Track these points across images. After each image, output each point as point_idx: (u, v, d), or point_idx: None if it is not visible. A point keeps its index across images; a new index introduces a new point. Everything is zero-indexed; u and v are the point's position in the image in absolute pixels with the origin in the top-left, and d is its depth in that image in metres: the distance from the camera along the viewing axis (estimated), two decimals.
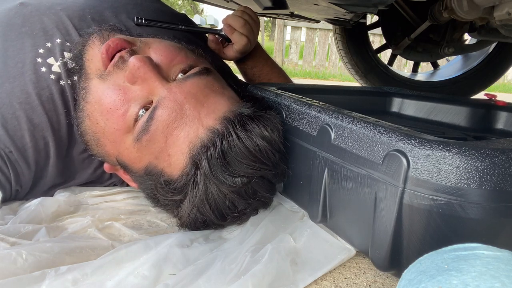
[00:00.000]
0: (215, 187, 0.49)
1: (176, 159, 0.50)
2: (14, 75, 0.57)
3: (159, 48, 0.55)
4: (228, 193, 0.49)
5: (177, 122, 0.49)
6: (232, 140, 0.48)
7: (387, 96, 0.85)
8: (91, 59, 0.55)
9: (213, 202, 0.50)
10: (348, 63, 1.73)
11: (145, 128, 0.49)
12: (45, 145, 0.57)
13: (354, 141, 0.45)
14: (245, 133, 0.49)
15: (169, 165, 0.50)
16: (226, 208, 0.51)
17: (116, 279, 0.41)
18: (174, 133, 0.49)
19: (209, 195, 0.49)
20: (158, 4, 0.82)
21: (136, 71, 0.50)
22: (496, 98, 0.78)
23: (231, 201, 0.50)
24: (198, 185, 0.49)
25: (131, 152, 0.52)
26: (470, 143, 0.38)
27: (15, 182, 0.55)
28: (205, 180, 0.48)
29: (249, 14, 0.82)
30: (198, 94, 0.51)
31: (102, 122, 0.53)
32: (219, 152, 0.48)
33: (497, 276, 0.25)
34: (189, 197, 0.50)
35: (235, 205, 0.51)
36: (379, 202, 0.41)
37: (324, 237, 0.52)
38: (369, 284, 0.45)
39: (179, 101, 0.49)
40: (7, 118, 0.55)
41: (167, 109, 0.49)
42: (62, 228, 0.52)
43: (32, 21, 0.62)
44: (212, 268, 0.43)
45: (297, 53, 5.32)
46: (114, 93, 0.51)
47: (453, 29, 1.34)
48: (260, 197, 0.54)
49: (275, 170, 0.54)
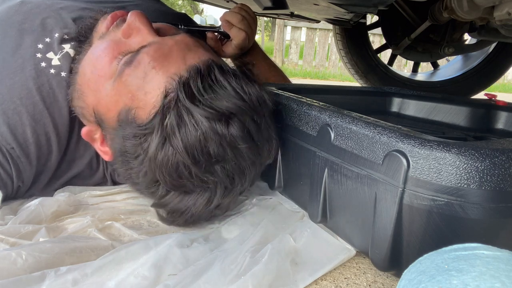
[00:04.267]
0: (188, 114, 0.44)
1: (151, 97, 0.47)
2: (14, 71, 0.57)
3: (159, 25, 0.58)
4: (202, 124, 0.44)
5: (160, 58, 0.49)
6: (215, 77, 0.46)
7: (387, 96, 0.85)
8: (99, 30, 0.57)
9: (184, 131, 0.44)
10: (348, 63, 1.73)
11: (128, 62, 0.50)
12: (47, 140, 0.57)
13: (354, 141, 0.45)
14: (231, 76, 0.47)
15: (144, 104, 0.48)
16: (197, 144, 0.44)
17: (116, 279, 0.41)
18: (154, 69, 0.49)
19: (181, 122, 0.44)
20: (158, 4, 0.83)
21: (131, 23, 0.52)
22: (496, 98, 0.79)
23: (204, 135, 0.44)
24: (170, 113, 0.45)
25: (109, 96, 0.51)
26: (470, 143, 0.38)
27: (16, 179, 0.55)
28: (177, 107, 0.44)
29: (246, 10, 0.83)
30: (190, 43, 0.53)
31: (88, 72, 0.54)
32: (199, 85, 0.45)
33: (497, 276, 0.25)
34: (159, 127, 0.45)
35: (207, 144, 0.45)
36: (379, 202, 0.41)
37: (324, 237, 0.52)
38: (369, 284, 0.45)
39: (169, 44, 0.51)
40: (9, 114, 0.55)
41: (154, 47, 0.50)
42: (62, 228, 0.52)
43: (32, 18, 0.62)
44: (212, 268, 0.43)
45: (297, 53, 5.32)
46: (106, 44, 0.53)
47: (453, 29, 1.34)
48: (237, 152, 0.47)
49: (258, 119, 0.49)
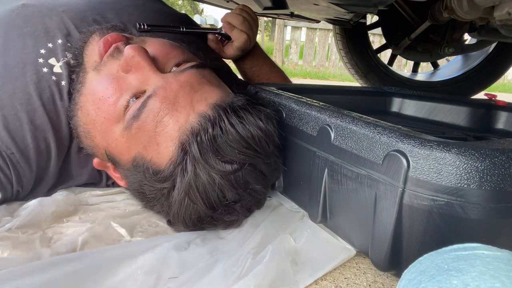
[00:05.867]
0: (204, 171, 0.47)
1: (165, 147, 0.48)
2: (15, 76, 0.57)
3: (155, 43, 0.56)
4: (218, 179, 0.47)
5: (168, 109, 0.48)
6: (224, 125, 0.47)
7: (387, 96, 0.85)
8: (90, 54, 0.56)
9: (202, 188, 0.47)
10: (348, 63, 1.73)
11: (136, 116, 0.49)
12: (47, 146, 0.57)
13: (354, 141, 0.45)
14: (238, 119, 0.48)
15: (157, 154, 0.49)
16: (215, 196, 0.48)
17: (114, 280, 0.41)
18: (164, 120, 0.48)
19: (198, 180, 0.47)
20: (160, 5, 0.83)
21: (130, 59, 0.50)
22: (496, 98, 0.79)
23: (220, 188, 0.48)
24: (187, 170, 0.47)
25: (120, 142, 0.51)
26: (470, 143, 0.38)
27: (16, 183, 0.55)
28: (194, 164, 0.47)
29: (248, 11, 0.83)
30: (194, 83, 0.51)
31: (93, 112, 0.52)
32: (210, 136, 0.46)
33: (497, 276, 0.25)
34: (178, 183, 0.48)
35: (224, 194, 0.49)
36: (379, 203, 0.41)
37: (324, 237, 0.52)
38: (369, 284, 0.45)
39: (174, 90, 0.49)
40: (9, 119, 0.55)
41: (160, 97, 0.49)
42: (59, 232, 0.51)
43: (34, 22, 0.62)
44: (214, 271, 0.43)
45: (297, 53, 5.32)
46: (106, 82, 0.51)
47: (453, 29, 1.34)
48: (251, 190, 0.51)
49: (268, 160, 0.51)
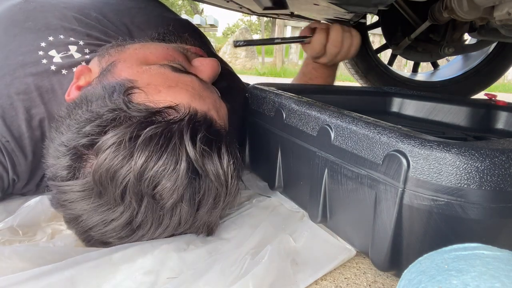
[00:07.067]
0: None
1: (163, 98, 0.49)
2: (14, 68, 0.58)
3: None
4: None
5: (194, 93, 0.51)
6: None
7: (387, 96, 0.85)
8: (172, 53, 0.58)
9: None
10: (348, 63, 1.72)
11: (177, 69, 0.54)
12: (42, 134, 0.57)
13: (354, 141, 0.45)
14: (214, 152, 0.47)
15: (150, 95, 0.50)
16: None
17: (113, 282, 0.41)
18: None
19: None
20: (162, 8, 0.83)
21: (209, 62, 0.57)
22: (496, 98, 0.78)
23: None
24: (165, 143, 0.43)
25: (133, 70, 0.53)
26: (470, 143, 0.38)
27: (12, 171, 0.55)
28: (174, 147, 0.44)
29: (352, 36, 0.95)
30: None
31: (141, 52, 0.55)
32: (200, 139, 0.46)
33: (497, 276, 0.25)
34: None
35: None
36: (379, 203, 0.41)
37: (324, 237, 0.52)
38: (369, 284, 0.45)
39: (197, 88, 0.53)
40: (5, 108, 0.55)
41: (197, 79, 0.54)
42: (58, 230, 0.51)
43: (36, 17, 0.62)
44: (212, 271, 0.42)
45: (297, 53, 5.32)
46: (173, 49, 0.57)
47: (453, 29, 1.34)
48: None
49: (230, 196, 0.47)
